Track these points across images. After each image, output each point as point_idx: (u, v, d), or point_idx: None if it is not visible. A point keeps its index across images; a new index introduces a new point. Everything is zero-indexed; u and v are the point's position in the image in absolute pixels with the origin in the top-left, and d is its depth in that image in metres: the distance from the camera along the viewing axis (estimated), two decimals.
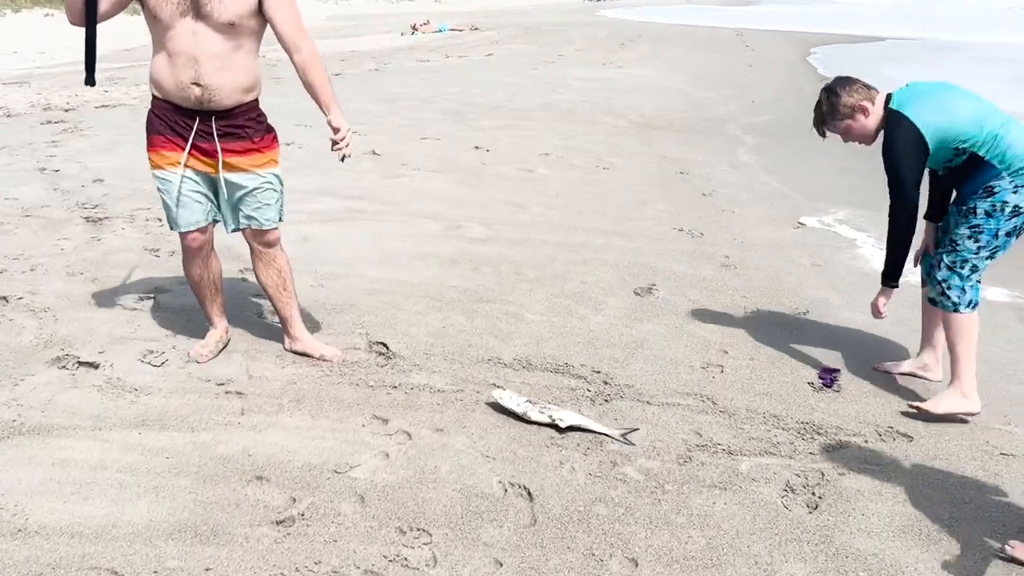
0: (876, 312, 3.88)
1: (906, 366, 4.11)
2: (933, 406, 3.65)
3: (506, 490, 3.08)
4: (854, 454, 3.41)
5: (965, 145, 3.53)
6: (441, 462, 3.23)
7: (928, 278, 3.80)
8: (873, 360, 4.26)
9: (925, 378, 4.05)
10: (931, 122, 3.52)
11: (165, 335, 4.22)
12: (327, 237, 5.92)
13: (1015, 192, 3.50)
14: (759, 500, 3.09)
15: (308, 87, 3.67)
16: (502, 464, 3.24)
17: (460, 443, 3.37)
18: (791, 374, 4.10)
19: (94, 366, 3.87)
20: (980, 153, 3.52)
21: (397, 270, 5.31)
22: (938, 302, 3.68)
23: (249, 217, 3.83)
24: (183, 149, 3.65)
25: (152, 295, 4.73)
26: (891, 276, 3.77)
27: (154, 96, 3.67)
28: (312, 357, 4.06)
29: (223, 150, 3.65)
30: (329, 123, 3.68)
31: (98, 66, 3.67)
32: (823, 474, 3.25)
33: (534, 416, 3.52)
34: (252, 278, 4.85)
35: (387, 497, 3.01)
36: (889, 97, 3.68)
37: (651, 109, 12.41)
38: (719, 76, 16.61)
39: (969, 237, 3.58)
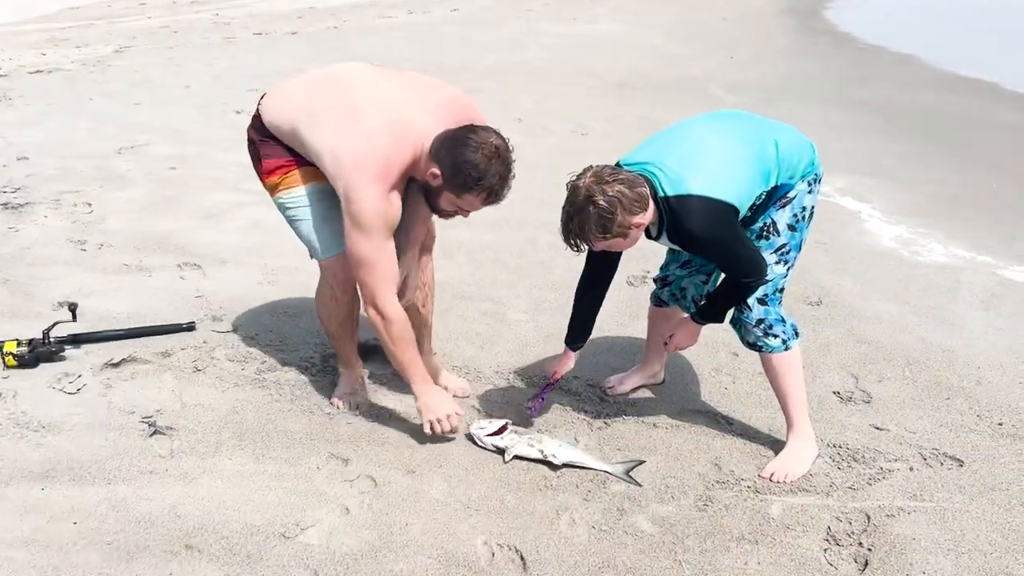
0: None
1: (636, 379, 3.51)
2: (791, 472, 2.93)
3: (493, 554, 2.53)
4: (900, 486, 2.88)
5: (764, 191, 2.83)
6: (413, 518, 2.66)
7: (736, 324, 3.03)
8: (903, 358, 3.76)
9: (654, 384, 3.54)
10: (725, 187, 2.71)
11: (84, 352, 3.59)
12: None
13: (810, 192, 2.90)
14: (799, 556, 2.56)
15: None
16: (488, 518, 2.67)
17: (437, 490, 2.79)
18: (812, 381, 3.53)
19: None
20: (777, 184, 2.85)
21: None
22: (762, 346, 2.98)
23: None
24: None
25: (73, 301, 4.07)
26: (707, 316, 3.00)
27: None
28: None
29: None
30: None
31: (40, 26, 2.99)
32: (868, 517, 2.72)
33: (521, 451, 2.96)
34: (189, 279, 4.28)
35: (347, 570, 2.44)
36: (650, 185, 2.75)
37: (625, 67, 11.74)
38: (692, 31, 15.88)
39: (777, 261, 2.90)
